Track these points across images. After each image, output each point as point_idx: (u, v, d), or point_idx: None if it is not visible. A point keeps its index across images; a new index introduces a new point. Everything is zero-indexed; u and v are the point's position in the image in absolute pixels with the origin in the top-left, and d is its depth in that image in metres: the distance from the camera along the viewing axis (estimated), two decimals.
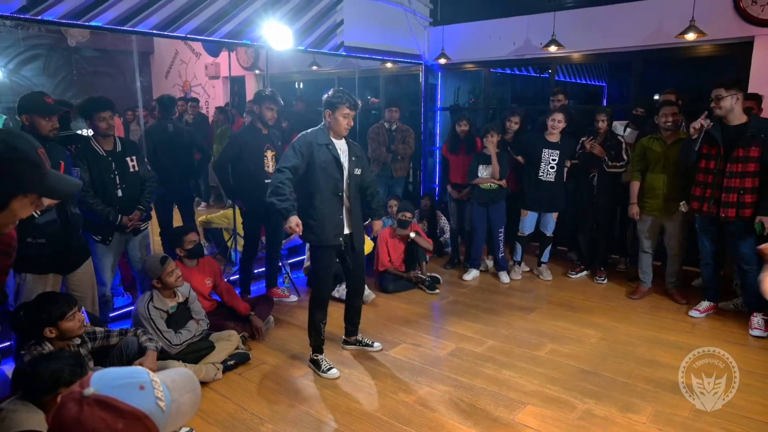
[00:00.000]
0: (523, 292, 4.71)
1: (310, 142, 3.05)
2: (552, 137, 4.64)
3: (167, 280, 3.12)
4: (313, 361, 3.28)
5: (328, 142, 3.09)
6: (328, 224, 3.11)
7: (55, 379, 1.93)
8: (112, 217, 3.30)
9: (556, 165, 4.63)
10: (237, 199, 4.38)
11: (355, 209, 3.25)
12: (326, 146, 3.08)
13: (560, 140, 4.64)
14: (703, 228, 3.93)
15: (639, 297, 4.44)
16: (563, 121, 4.56)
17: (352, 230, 3.24)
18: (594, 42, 5.22)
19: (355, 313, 3.52)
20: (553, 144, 4.63)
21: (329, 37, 5.15)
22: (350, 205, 3.21)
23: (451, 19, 6.09)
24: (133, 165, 3.43)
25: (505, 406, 2.85)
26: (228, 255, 5.10)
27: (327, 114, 3.08)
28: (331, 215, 3.12)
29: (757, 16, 4.31)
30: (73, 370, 1.97)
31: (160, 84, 8.31)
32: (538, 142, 4.66)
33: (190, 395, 0.94)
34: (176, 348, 3.06)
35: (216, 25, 4.17)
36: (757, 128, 3.54)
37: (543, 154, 4.62)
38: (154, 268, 3.11)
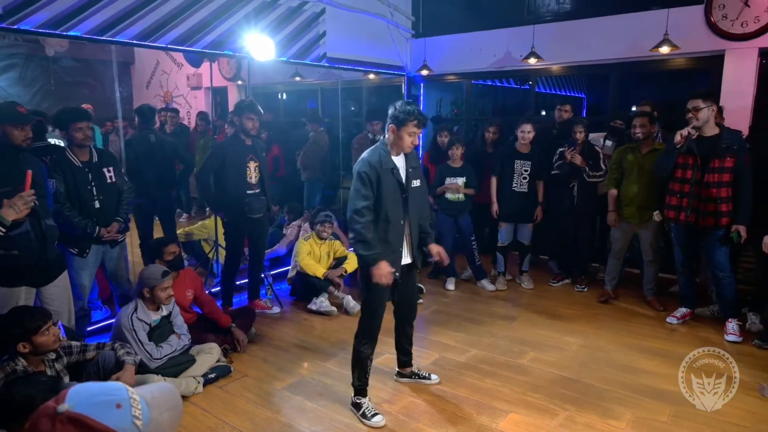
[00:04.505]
0: (505, 300, 4.74)
1: (375, 168, 2.69)
2: (523, 148, 4.71)
3: (158, 294, 3.08)
4: (354, 405, 2.90)
5: (393, 167, 2.74)
6: (388, 253, 2.76)
7: (26, 404, 1.83)
8: (89, 229, 3.24)
9: (529, 176, 4.71)
10: (219, 211, 4.35)
11: (415, 230, 2.89)
12: (391, 171, 2.73)
13: (531, 151, 4.72)
14: (678, 236, 4.01)
15: (605, 299, 4.57)
16: (532, 131, 4.65)
17: (412, 258, 2.93)
18: (572, 54, 5.33)
19: (407, 342, 3.22)
20: (525, 155, 4.71)
21: (312, 48, 5.17)
22: (410, 230, 2.87)
23: (433, 31, 6.17)
24: (110, 176, 3.39)
25: (488, 415, 2.86)
26: (209, 267, 5.04)
27: (391, 129, 2.72)
28: (392, 243, 2.78)
29: (727, 30, 4.45)
30: (46, 396, 1.89)
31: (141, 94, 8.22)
32: (510, 154, 4.74)
33: (171, 413, 0.92)
34: (156, 362, 3.02)
35: (197, 35, 4.16)
36: (730, 140, 3.64)
37: (515, 165, 4.69)
38: (152, 276, 3.07)
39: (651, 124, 4.20)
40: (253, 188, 4.08)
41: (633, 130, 4.21)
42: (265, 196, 4.18)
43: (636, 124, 4.18)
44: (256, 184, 4.10)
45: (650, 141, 4.22)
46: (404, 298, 3.09)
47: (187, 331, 3.33)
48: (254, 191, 4.09)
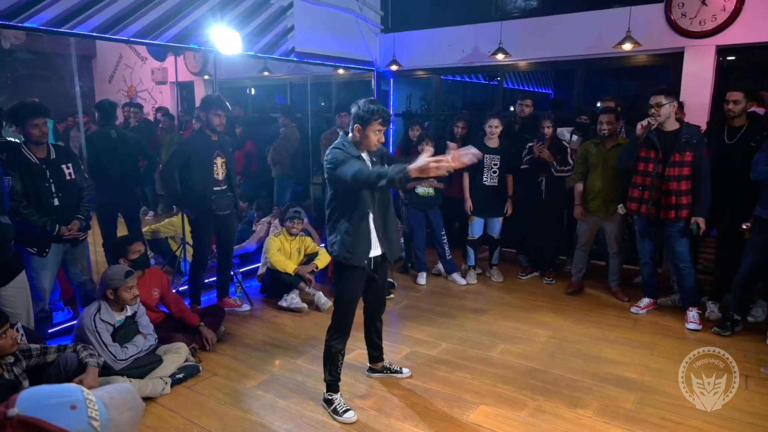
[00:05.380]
0: (476, 294, 4.80)
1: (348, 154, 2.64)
2: (491, 143, 4.77)
3: (123, 295, 3.00)
4: (326, 400, 2.89)
5: (363, 159, 2.70)
6: (359, 243, 2.73)
7: None
8: (49, 228, 3.14)
9: (498, 169, 4.77)
10: (185, 208, 4.26)
11: (379, 222, 2.81)
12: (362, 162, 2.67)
13: (499, 145, 4.79)
14: (641, 229, 4.13)
15: (572, 290, 4.68)
16: (500, 125, 4.73)
17: (383, 249, 2.86)
18: (539, 51, 5.41)
19: (377, 336, 3.22)
20: (494, 149, 4.77)
21: (280, 42, 5.11)
22: (379, 222, 2.81)
23: (402, 26, 6.17)
24: (69, 173, 3.28)
25: (459, 407, 2.89)
26: (177, 265, 4.94)
27: (356, 129, 2.65)
28: (361, 235, 2.74)
29: (686, 28, 4.59)
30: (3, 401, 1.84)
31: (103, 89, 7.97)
32: (479, 149, 4.76)
33: (130, 413, 0.91)
34: (121, 363, 2.94)
35: (161, 28, 4.05)
36: (689, 134, 3.77)
37: (485, 159, 4.75)
38: (115, 277, 2.98)
39: (616, 120, 4.31)
40: (220, 185, 4.02)
41: (599, 126, 4.31)
42: (232, 193, 4.12)
43: (603, 120, 4.28)
44: (223, 181, 4.03)
45: (614, 136, 4.33)
46: (375, 293, 3.08)
47: (154, 331, 3.25)
48: (221, 188, 4.02)
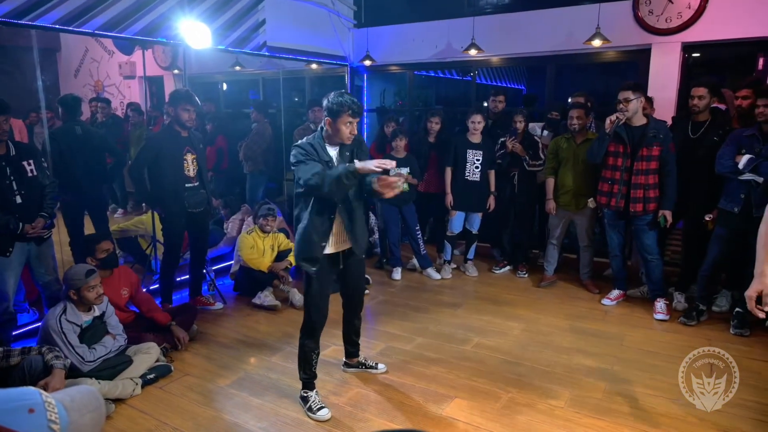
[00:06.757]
0: (451, 288, 4.83)
1: (312, 153, 2.65)
2: (474, 138, 4.80)
3: (86, 295, 2.91)
4: (302, 398, 2.88)
5: (329, 159, 2.68)
6: (317, 237, 2.70)
7: None
8: (12, 226, 3.04)
9: (481, 165, 4.80)
10: (156, 206, 4.17)
11: (346, 216, 2.77)
12: (327, 164, 2.66)
13: (482, 141, 4.81)
14: (611, 222, 4.21)
15: (546, 284, 4.75)
16: (483, 121, 4.75)
17: (350, 243, 2.83)
18: (511, 47, 5.46)
19: (354, 333, 3.20)
20: (476, 144, 4.79)
21: (251, 36, 5.03)
22: (348, 216, 2.77)
23: (375, 21, 6.14)
24: (31, 169, 3.18)
25: (434, 401, 2.91)
26: (147, 263, 4.84)
27: (327, 122, 2.65)
28: (330, 229, 2.73)
29: (653, 25, 4.69)
30: None
31: (68, 83, 7.73)
32: (463, 144, 4.81)
33: (92, 415, 0.88)
34: (89, 365, 2.86)
35: (128, 20, 3.95)
36: (656, 129, 3.86)
37: (467, 155, 4.77)
38: (75, 277, 2.89)
39: (586, 115, 4.38)
40: (191, 181, 3.94)
41: (570, 122, 4.38)
42: (204, 189, 4.05)
43: (573, 115, 4.35)
44: (194, 177, 3.96)
45: (584, 131, 4.40)
46: (351, 290, 3.07)
47: (123, 331, 3.18)
48: (193, 184, 3.95)
